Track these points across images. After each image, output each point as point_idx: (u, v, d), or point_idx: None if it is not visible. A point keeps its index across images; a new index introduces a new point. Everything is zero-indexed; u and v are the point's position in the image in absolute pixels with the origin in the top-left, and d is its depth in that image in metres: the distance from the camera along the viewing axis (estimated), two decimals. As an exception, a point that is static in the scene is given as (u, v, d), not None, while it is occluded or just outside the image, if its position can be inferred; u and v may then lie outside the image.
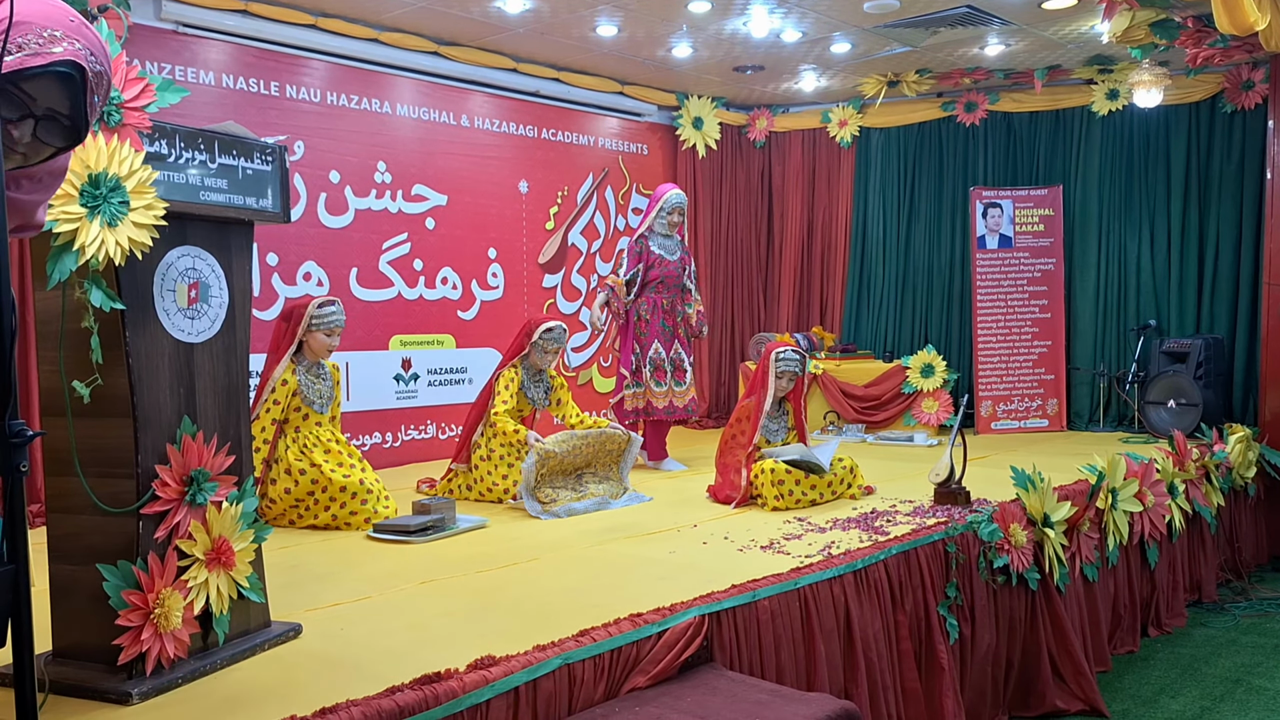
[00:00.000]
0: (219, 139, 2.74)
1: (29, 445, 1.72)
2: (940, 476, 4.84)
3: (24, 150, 1.81)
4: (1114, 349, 8.21)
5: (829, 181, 9.31)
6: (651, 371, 6.43)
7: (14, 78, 1.72)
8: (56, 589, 2.66)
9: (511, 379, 5.51)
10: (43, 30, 1.75)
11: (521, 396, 5.53)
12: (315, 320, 4.88)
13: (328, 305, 4.94)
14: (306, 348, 4.92)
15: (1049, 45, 7.46)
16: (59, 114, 1.80)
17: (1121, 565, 5.26)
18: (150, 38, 5.78)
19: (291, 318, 4.92)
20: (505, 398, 5.46)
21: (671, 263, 6.50)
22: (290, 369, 4.86)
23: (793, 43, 7.33)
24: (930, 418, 7.93)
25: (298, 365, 4.89)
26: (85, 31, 1.80)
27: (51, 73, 1.75)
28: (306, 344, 4.91)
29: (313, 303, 4.92)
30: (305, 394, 4.85)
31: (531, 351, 5.56)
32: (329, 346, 4.94)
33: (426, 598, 3.46)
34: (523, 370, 5.57)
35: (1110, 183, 8.23)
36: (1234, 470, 6.42)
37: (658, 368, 6.45)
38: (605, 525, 4.68)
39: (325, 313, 4.91)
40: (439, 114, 7.25)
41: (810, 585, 3.55)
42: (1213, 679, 4.81)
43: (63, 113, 1.80)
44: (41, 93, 1.77)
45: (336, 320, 4.94)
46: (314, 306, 4.90)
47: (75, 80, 1.77)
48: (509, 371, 5.54)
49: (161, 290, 2.63)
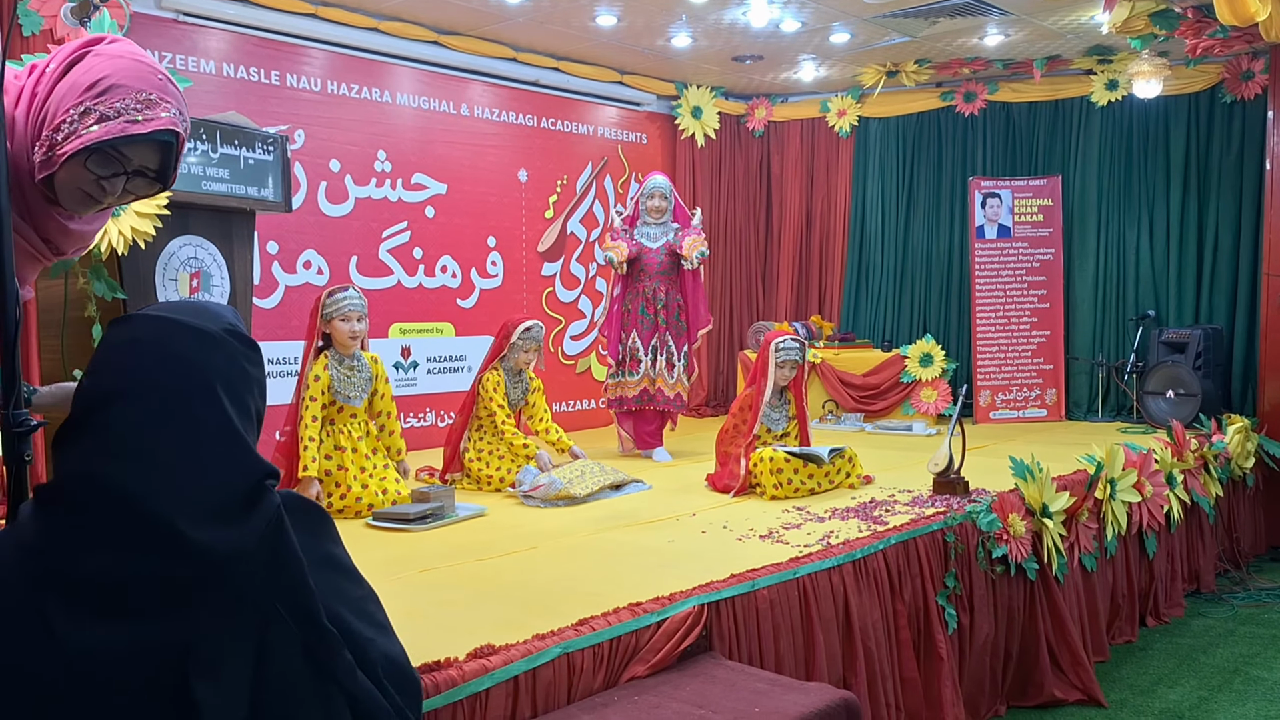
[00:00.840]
0: (221, 129, 2.75)
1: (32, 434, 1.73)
2: (939, 466, 4.85)
3: (110, 200, 1.85)
4: (1113, 339, 8.22)
5: (828, 171, 9.30)
6: (629, 361, 6.45)
7: (114, 142, 1.76)
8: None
9: (498, 383, 5.50)
10: (139, 94, 1.78)
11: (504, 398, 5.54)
12: (327, 308, 4.75)
13: (338, 291, 4.79)
14: (335, 339, 4.83)
15: (1048, 35, 7.45)
16: (148, 170, 1.85)
17: (1120, 555, 5.28)
18: (151, 27, 5.77)
19: (314, 311, 4.83)
20: (501, 402, 5.46)
21: (653, 250, 6.45)
22: (323, 363, 4.78)
23: (792, 32, 7.32)
24: (929, 407, 7.94)
25: (330, 358, 4.81)
26: (172, 89, 1.85)
27: (152, 140, 1.80)
28: (332, 335, 4.81)
29: (323, 292, 4.84)
30: (338, 388, 4.78)
31: (510, 352, 5.55)
32: (351, 333, 4.78)
33: (425, 586, 3.47)
34: (503, 371, 5.56)
35: (1109, 173, 8.23)
36: (1232, 460, 6.43)
37: (633, 357, 6.45)
38: (604, 514, 4.68)
39: (335, 299, 4.76)
40: (439, 103, 7.25)
41: (809, 575, 3.55)
42: (1210, 669, 4.83)
43: (151, 169, 1.85)
44: (137, 154, 1.82)
45: (349, 305, 4.77)
46: (324, 295, 4.79)
47: (172, 145, 1.82)
48: (493, 375, 5.51)
49: (164, 279, 2.64)
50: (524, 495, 4.96)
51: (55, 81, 1.79)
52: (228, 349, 1.50)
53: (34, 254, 1.91)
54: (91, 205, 1.86)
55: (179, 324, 1.48)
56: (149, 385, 1.42)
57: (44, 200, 1.84)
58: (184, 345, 1.46)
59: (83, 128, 1.74)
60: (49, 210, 1.86)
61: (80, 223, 1.94)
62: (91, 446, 1.40)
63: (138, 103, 1.77)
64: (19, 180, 1.81)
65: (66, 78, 1.79)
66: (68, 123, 1.74)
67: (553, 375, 7.95)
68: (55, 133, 1.75)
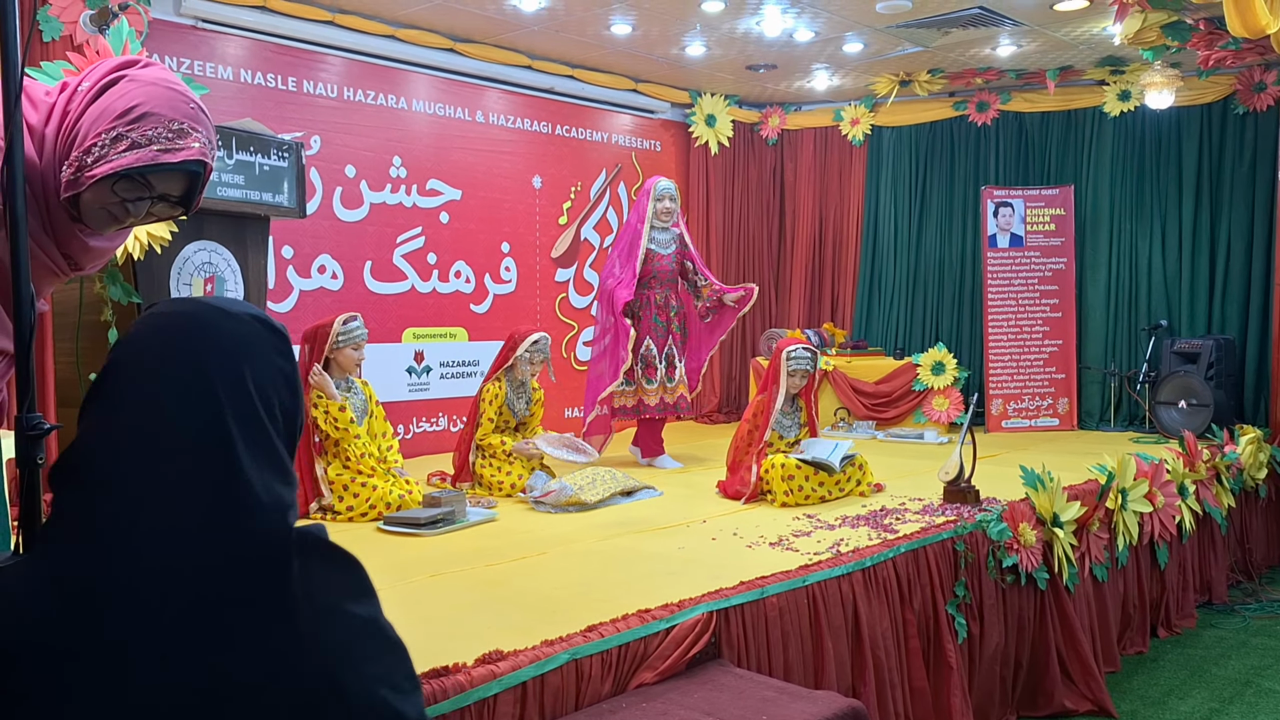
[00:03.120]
0: (236, 134, 2.77)
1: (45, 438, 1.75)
2: (950, 475, 4.85)
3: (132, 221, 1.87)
4: (1125, 349, 8.20)
5: (840, 179, 9.31)
6: (643, 369, 6.38)
7: (144, 170, 1.78)
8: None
9: (496, 395, 5.50)
10: (171, 123, 1.80)
11: (506, 410, 5.53)
12: (343, 336, 4.85)
13: (351, 320, 4.92)
14: (334, 364, 4.89)
15: (1061, 46, 7.45)
16: (172, 195, 1.87)
17: (1131, 566, 5.26)
18: (170, 33, 5.82)
19: (315, 338, 4.89)
20: (491, 415, 5.48)
21: (665, 257, 6.41)
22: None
23: (805, 42, 7.34)
24: (940, 415, 7.93)
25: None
26: (203, 118, 1.87)
27: (181, 169, 1.82)
28: (334, 360, 4.89)
29: (338, 319, 4.89)
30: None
31: (517, 364, 5.57)
32: (357, 360, 4.95)
33: (435, 591, 3.49)
34: (506, 383, 5.56)
35: (1122, 183, 8.22)
36: (1245, 471, 6.41)
37: (649, 365, 6.38)
38: (614, 520, 4.69)
39: (351, 328, 4.89)
40: (454, 110, 7.28)
41: (819, 583, 3.56)
42: (1222, 681, 4.81)
43: (175, 195, 1.87)
44: (164, 181, 1.84)
45: (362, 334, 4.94)
46: (339, 323, 4.86)
47: (199, 175, 1.84)
48: (493, 387, 5.51)
49: (178, 284, 2.66)
50: (535, 501, 4.97)
51: (88, 102, 1.81)
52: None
53: (53, 269, 1.93)
54: (114, 225, 1.88)
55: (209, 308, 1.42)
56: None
57: (67, 217, 1.86)
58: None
59: (114, 153, 1.76)
60: (71, 227, 1.88)
61: (101, 240, 1.96)
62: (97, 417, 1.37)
63: (170, 132, 1.79)
64: (45, 195, 1.83)
65: (100, 100, 1.80)
66: (99, 146, 1.76)
67: (564, 381, 7.96)
68: (85, 154, 1.77)
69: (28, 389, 1.72)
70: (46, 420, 1.76)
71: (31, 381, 1.73)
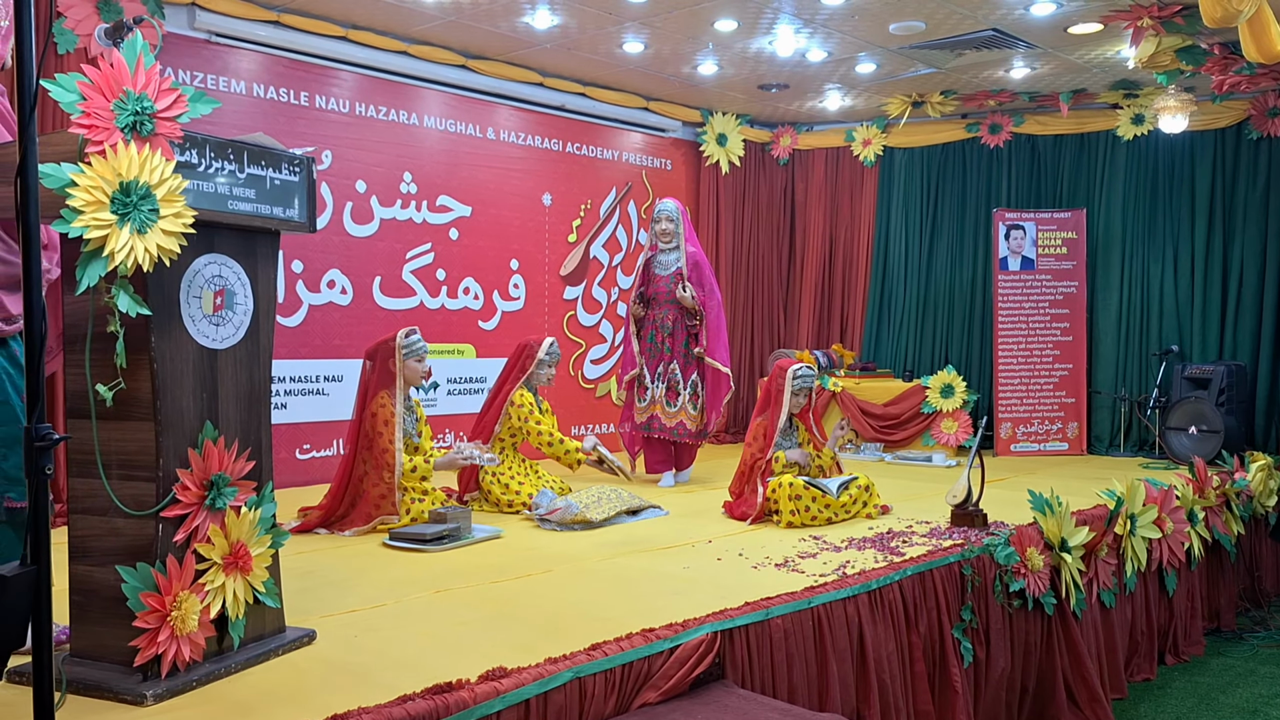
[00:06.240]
0: (248, 149, 2.77)
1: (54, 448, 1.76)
2: (958, 498, 4.83)
3: None
4: (1135, 373, 8.19)
5: (851, 200, 9.32)
6: (636, 388, 6.49)
7: None
8: (76, 589, 2.69)
9: (532, 403, 5.56)
10: None
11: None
12: (406, 349, 4.90)
13: (412, 334, 4.97)
14: (406, 378, 4.93)
15: (1074, 69, 7.45)
16: None
17: (1139, 592, 5.23)
18: (184, 47, 5.85)
19: (377, 354, 4.93)
20: (539, 418, 5.53)
21: (663, 279, 6.44)
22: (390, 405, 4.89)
23: (818, 62, 7.35)
24: (949, 438, 7.91)
25: (394, 400, 4.90)
26: None
27: None
28: (405, 373, 4.92)
29: (399, 334, 4.94)
30: (408, 428, 4.93)
31: (537, 369, 5.58)
32: (423, 373, 4.99)
33: (440, 607, 3.48)
34: (528, 390, 5.61)
35: (1134, 207, 8.22)
36: (1255, 498, 6.38)
37: (640, 384, 6.48)
38: (619, 538, 4.68)
39: (413, 340, 4.93)
40: (465, 126, 7.30)
41: (824, 605, 3.54)
42: (1229, 709, 4.78)
43: None
44: None
45: (423, 347, 4.97)
46: (401, 336, 4.92)
47: None
48: (524, 395, 5.55)
49: (188, 297, 2.67)
50: (540, 518, 4.97)
51: None
52: None
53: None
54: None
55: None
56: None
57: None
58: None
59: None
60: None
61: None
62: None
63: None
64: None
65: None
66: None
67: (572, 398, 7.97)
68: None
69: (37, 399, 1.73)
70: (56, 431, 1.76)
71: (42, 391, 1.74)
